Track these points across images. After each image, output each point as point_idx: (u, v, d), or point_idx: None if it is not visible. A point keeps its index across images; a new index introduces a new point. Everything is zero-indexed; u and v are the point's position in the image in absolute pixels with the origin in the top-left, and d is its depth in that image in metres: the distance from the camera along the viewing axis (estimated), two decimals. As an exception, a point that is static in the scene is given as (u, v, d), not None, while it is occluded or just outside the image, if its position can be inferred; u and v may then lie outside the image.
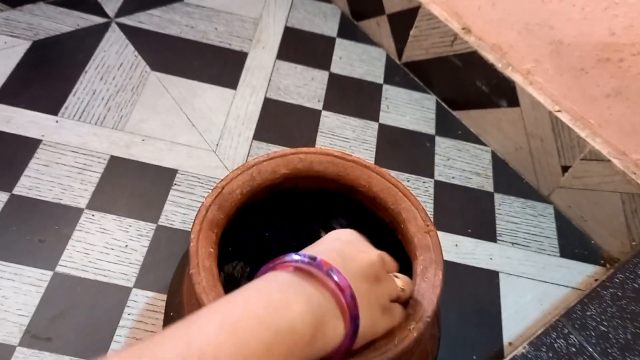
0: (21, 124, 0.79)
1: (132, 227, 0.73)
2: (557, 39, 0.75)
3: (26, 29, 0.90)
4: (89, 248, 0.70)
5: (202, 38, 0.96)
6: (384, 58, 1.01)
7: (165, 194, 0.77)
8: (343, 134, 0.88)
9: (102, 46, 0.91)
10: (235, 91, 0.90)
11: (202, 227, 0.48)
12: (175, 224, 0.74)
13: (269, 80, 0.93)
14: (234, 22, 1.00)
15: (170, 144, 0.81)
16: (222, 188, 0.51)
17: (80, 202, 0.73)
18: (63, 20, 0.92)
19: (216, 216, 0.49)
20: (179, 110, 0.86)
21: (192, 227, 0.47)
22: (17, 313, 0.64)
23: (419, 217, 0.51)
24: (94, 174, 0.76)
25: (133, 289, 0.68)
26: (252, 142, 0.84)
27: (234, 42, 0.97)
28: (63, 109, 0.82)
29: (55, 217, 0.72)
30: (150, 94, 0.86)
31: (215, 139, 0.84)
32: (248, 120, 0.87)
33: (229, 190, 0.51)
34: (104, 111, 0.83)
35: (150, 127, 0.83)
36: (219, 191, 0.50)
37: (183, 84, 0.89)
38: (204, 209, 0.49)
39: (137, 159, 0.79)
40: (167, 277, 0.69)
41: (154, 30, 0.95)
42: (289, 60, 0.96)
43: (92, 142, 0.79)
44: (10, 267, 0.67)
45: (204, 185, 0.78)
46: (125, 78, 0.87)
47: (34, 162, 0.76)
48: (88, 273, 0.68)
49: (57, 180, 0.75)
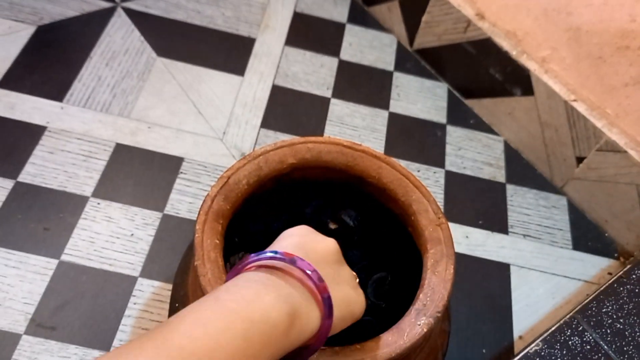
0: (25, 110, 0.78)
1: (138, 216, 0.72)
2: (575, 25, 0.72)
3: (30, 13, 0.88)
4: (95, 237, 0.69)
5: (209, 23, 0.94)
6: (395, 45, 0.99)
7: (171, 183, 0.75)
8: (352, 122, 0.87)
9: (107, 31, 0.89)
10: (243, 78, 0.89)
11: (208, 218, 0.46)
12: (181, 212, 0.73)
13: (277, 66, 0.91)
14: (242, 7, 0.98)
15: (177, 132, 0.80)
16: (228, 178, 0.49)
17: (85, 190, 0.72)
18: (68, 4, 0.91)
19: (222, 207, 0.48)
20: (185, 97, 0.84)
21: (197, 218, 0.46)
22: (22, 301, 0.63)
23: (430, 209, 0.49)
24: (100, 162, 0.75)
25: (139, 278, 0.67)
26: (260, 130, 0.83)
27: (241, 27, 0.95)
28: (68, 95, 0.81)
29: (60, 205, 0.71)
30: (156, 81, 0.85)
31: (222, 126, 0.82)
32: (256, 108, 0.85)
33: (235, 180, 0.49)
34: (110, 97, 0.82)
35: (156, 114, 0.81)
36: (225, 181, 0.49)
37: (189, 70, 0.87)
38: (209, 200, 0.47)
39: (142, 147, 0.78)
40: (173, 266, 0.68)
41: (160, 15, 0.93)
42: (297, 47, 0.95)
43: (97, 129, 0.78)
44: (15, 255, 0.66)
45: (210, 174, 0.77)
46: (131, 64, 0.86)
47: (38, 149, 0.75)
48: (93, 262, 0.67)
49: (62, 168, 0.74)
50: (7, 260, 0.66)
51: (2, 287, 0.64)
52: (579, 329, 0.56)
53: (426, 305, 0.44)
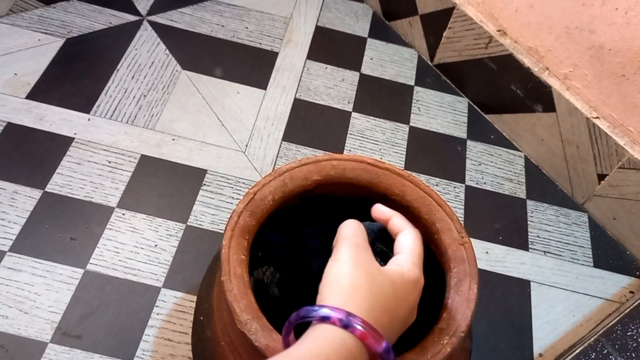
0: (54, 121, 0.80)
1: (162, 227, 0.73)
2: (598, 43, 0.72)
3: (59, 26, 0.91)
4: (119, 247, 0.70)
5: (232, 37, 0.96)
6: (416, 59, 0.99)
7: (195, 194, 0.77)
8: (373, 136, 0.87)
9: (134, 44, 0.91)
10: (265, 91, 0.90)
11: (234, 234, 0.47)
12: (204, 224, 0.74)
13: (299, 80, 0.92)
14: (265, 21, 0.99)
15: (200, 144, 0.82)
16: (254, 194, 0.50)
17: (111, 201, 0.74)
18: (96, 18, 0.93)
19: (248, 222, 0.49)
20: (209, 110, 0.86)
21: (223, 233, 0.47)
22: (48, 310, 0.64)
23: (454, 228, 0.50)
24: (125, 173, 0.77)
25: (162, 288, 0.68)
26: (282, 143, 0.84)
27: (264, 41, 0.96)
28: (95, 107, 0.82)
29: (86, 215, 0.72)
30: (181, 93, 0.87)
31: (245, 139, 0.83)
32: (277, 121, 0.86)
33: (261, 196, 0.50)
34: (135, 110, 0.83)
35: (181, 126, 0.83)
36: (251, 197, 0.50)
37: (213, 84, 0.89)
38: (235, 215, 0.48)
39: (167, 159, 0.79)
40: (196, 277, 0.69)
41: (185, 28, 0.95)
42: (319, 61, 0.96)
43: (123, 140, 0.80)
44: (43, 264, 0.68)
45: (232, 186, 0.78)
46: (157, 77, 0.88)
47: (66, 160, 0.76)
48: (118, 272, 0.68)
49: (89, 179, 0.75)
50: (35, 269, 0.67)
51: (30, 296, 0.65)
52: (603, 352, 0.56)
53: (450, 324, 0.44)
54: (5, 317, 0.63)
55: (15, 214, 0.71)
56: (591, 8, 0.71)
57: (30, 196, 0.72)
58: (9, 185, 0.73)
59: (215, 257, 0.57)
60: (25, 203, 0.72)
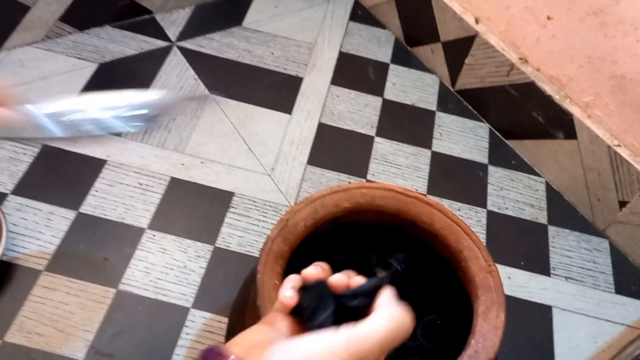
0: (87, 144, 0.83)
1: (191, 248, 0.75)
2: (620, 73, 0.74)
3: (93, 51, 0.94)
4: (150, 267, 0.72)
5: (259, 62, 0.98)
6: (438, 85, 1.01)
7: (222, 216, 0.79)
8: (396, 160, 0.89)
9: (164, 69, 0.94)
10: (291, 116, 0.92)
11: (268, 260, 0.49)
12: (231, 246, 0.76)
13: (323, 105, 0.95)
14: (290, 47, 1.02)
15: (228, 167, 0.84)
16: (287, 220, 0.52)
17: (142, 222, 0.76)
18: (128, 43, 0.96)
19: (281, 248, 0.51)
20: (236, 134, 0.88)
21: (258, 259, 0.49)
22: (82, 329, 0.66)
23: (481, 256, 0.51)
24: (155, 195, 0.79)
25: (191, 309, 0.70)
26: (306, 166, 0.86)
27: (289, 66, 0.99)
28: (127, 130, 0.85)
29: (118, 235, 0.75)
30: (209, 117, 0.89)
31: (271, 162, 0.86)
32: (302, 145, 0.89)
33: (294, 223, 0.52)
34: (165, 133, 0.86)
35: (209, 150, 0.85)
36: (284, 224, 0.52)
37: (241, 108, 0.91)
38: (269, 241, 0.50)
39: (196, 181, 0.82)
40: (224, 299, 0.71)
41: (213, 54, 0.98)
42: (343, 86, 0.98)
43: (153, 163, 0.82)
44: (77, 284, 0.70)
45: (259, 209, 0.80)
46: (186, 101, 0.90)
47: (99, 182, 0.79)
48: (149, 292, 0.70)
49: (121, 200, 0.78)
50: (69, 288, 0.69)
51: (64, 315, 0.67)
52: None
53: (478, 351, 0.45)
54: (41, 335, 0.65)
55: (50, 234, 0.73)
56: (613, 39, 0.73)
57: (65, 217, 0.75)
58: (45, 206, 0.75)
59: (246, 280, 0.59)
60: (60, 223, 0.74)
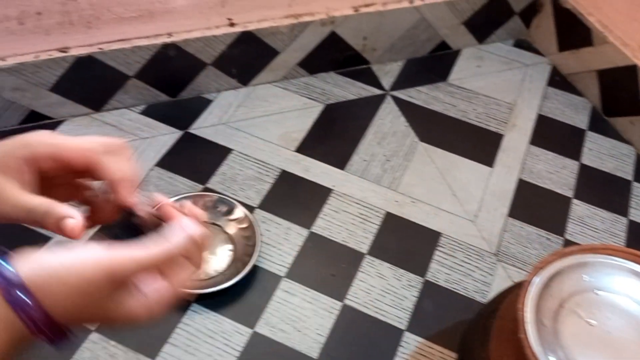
0: (317, 173, 0.96)
1: (404, 277, 0.84)
2: None
3: (320, 93, 1.09)
4: (370, 289, 0.83)
5: (462, 116, 1.08)
6: (634, 156, 1.04)
7: (431, 253, 0.87)
8: (592, 224, 0.93)
9: (379, 114, 1.06)
10: (492, 169, 1.00)
11: (527, 299, 0.57)
12: (439, 281, 0.84)
13: (523, 162, 1.01)
14: (491, 105, 1.11)
15: (435, 209, 0.93)
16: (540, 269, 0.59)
17: (362, 248, 0.87)
18: (348, 89, 1.10)
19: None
20: (442, 179, 0.97)
21: (518, 299, 0.57)
22: (316, 332, 0.78)
23: None
24: (373, 225, 0.90)
25: (405, 332, 0.79)
26: (507, 218, 0.93)
27: (490, 123, 1.07)
28: (348, 165, 0.98)
29: (342, 256, 0.86)
30: (418, 162, 0.99)
31: (474, 210, 0.94)
32: (503, 197, 0.96)
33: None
34: (381, 172, 0.97)
35: (418, 191, 0.95)
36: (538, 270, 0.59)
37: (446, 156, 1.01)
38: (527, 284, 0.58)
39: (407, 218, 0.91)
40: (434, 327, 0.79)
41: (421, 104, 1.09)
42: (541, 146, 1.04)
43: (371, 197, 0.94)
44: (310, 292, 0.81)
45: (464, 251, 0.88)
46: (398, 145, 1.01)
47: (327, 207, 0.91)
48: (369, 310, 0.80)
49: (344, 226, 0.89)
50: (304, 295, 0.81)
51: (301, 317, 0.79)
52: None
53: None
54: (283, 331, 0.77)
55: (288, 247, 0.86)
56: None
57: (300, 233, 0.88)
58: (284, 222, 0.89)
59: (481, 315, 0.67)
60: (296, 239, 0.87)
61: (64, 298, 0.34)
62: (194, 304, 0.79)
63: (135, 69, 0.95)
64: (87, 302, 0.35)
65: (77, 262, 0.35)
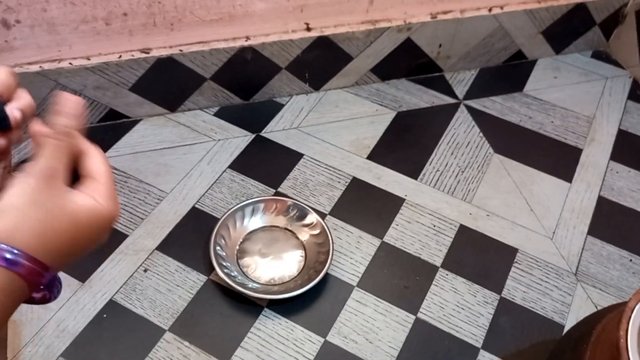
0: (389, 182, 0.94)
1: (479, 293, 0.82)
2: None
3: (392, 100, 1.07)
4: (444, 303, 0.80)
5: (539, 129, 1.04)
6: None
7: (507, 270, 0.85)
8: (679, 247, 0.89)
9: (452, 124, 1.04)
10: (571, 184, 0.96)
11: (629, 327, 0.54)
12: (516, 299, 0.81)
13: (603, 179, 0.97)
14: (569, 118, 1.07)
15: (511, 224, 0.90)
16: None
17: (435, 261, 0.85)
18: (421, 96, 1.08)
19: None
20: (518, 193, 0.94)
21: (619, 325, 0.54)
22: (388, 344, 0.76)
23: None
24: (447, 238, 0.88)
25: (481, 349, 0.76)
26: (587, 237, 0.89)
27: (569, 137, 1.03)
28: (421, 175, 0.96)
29: (416, 268, 0.84)
30: (493, 174, 0.97)
31: (552, 226, 0.90)
32: (583, 215, 0.92)
33: (645, 297, 0.56)
34: (454, 183, 0.95)
35: (493, 204, 0.92)
36: None
37: (522, 169, 0.97)
38: (629, 310, 0.55)
39: (481, 231, 0.89)
40: (510, 346, 0.76)
41: (495, 115, 1.06)
42: (622, 163, 1.00)
43: (444, 208, 0.91)
44: (383, 304, 0.80)
45: (542, 269, 0.85)
46: (472, 156, 0.99)
47: (399, 217, 0.90)
48: (443, 325, 0.78)
49: (417, 237, 0.87)
50: (376, 306, 0.80)
51: (373, 329, 0.77)
52: None
53: None
54: (354, 342, 0.76)
55: (360, 255, 0.85)
56: None
57: (371, 242, 0.86)
58: (355, 230, 0.88)
59: (569, 337, 0.64)
60: (368, 247, 0.86)
61: (34, 234, 0.35)
62: (265, 309, 0.78)
63: (212, 71, 0.96)
64: (46, 218, 0.35)
65: (14, 199, 0.35)
